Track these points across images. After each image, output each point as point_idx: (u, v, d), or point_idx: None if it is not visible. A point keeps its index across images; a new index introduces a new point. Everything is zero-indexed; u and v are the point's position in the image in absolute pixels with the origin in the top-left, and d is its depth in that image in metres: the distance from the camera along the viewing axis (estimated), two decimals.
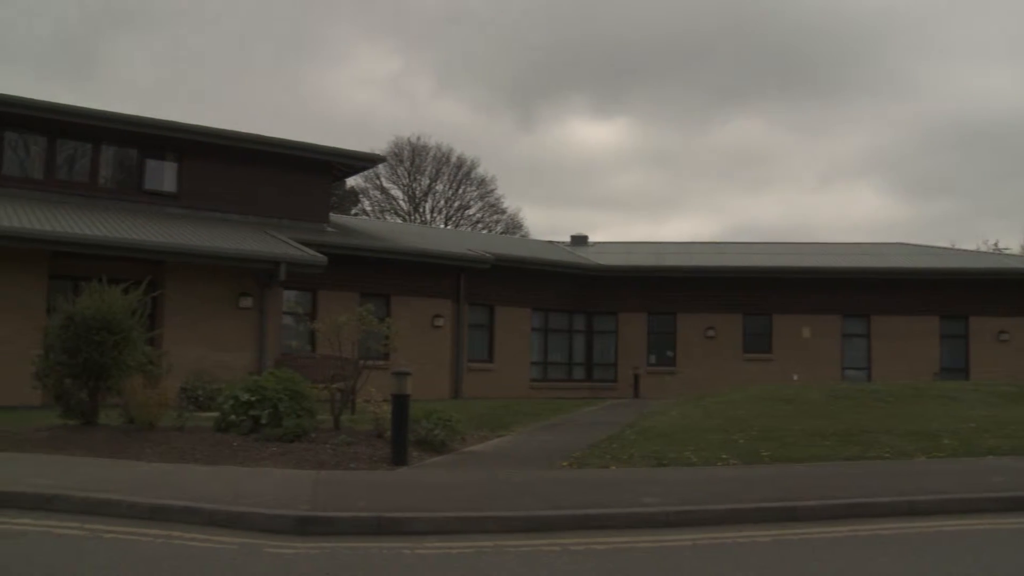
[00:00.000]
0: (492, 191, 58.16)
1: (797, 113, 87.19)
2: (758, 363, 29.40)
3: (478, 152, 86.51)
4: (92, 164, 23.10)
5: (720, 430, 13.79)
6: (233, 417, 12.62)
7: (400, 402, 10.93)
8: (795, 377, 27.16)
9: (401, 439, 10.97)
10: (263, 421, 12.33)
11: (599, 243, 36.53)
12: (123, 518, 7.98)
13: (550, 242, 37.19)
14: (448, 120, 77.73)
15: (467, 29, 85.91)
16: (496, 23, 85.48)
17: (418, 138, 56.31)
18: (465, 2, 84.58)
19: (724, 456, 11.74)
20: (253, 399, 12.57)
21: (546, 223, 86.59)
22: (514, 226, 58.72)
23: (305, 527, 7.67)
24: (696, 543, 7.51)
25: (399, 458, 10.90)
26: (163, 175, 23.95)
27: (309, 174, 25.70)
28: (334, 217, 28.94)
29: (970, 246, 48.93)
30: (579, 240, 36.27)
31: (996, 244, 52.92)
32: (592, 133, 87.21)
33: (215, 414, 13.38)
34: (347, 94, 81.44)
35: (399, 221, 52.70)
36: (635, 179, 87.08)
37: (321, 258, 21.33)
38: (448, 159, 56.30)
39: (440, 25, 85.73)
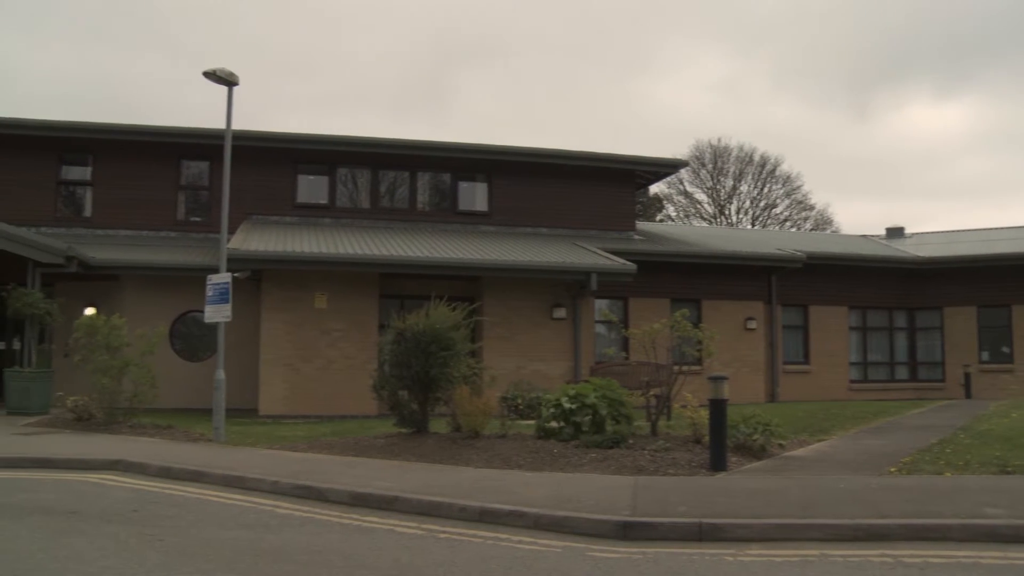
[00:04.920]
0: (798, 188, 56.44)
1: None
2: None
3: (806, 150, 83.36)
4: (410, 191, 24.98)
5: None
6: (553, 424, 13.03)
7: (718, 407, 10.85)
8: None
9: (719, 444, 10.88)
10: (583, 428, 12.65)
11: (917, 234, 34.37)
12: (454, 519, 8.54)
13: (863, 236, 35.46)
14: (781, 118, 75.97)
15: (801, 25, 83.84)
16: (833, 15, 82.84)
17: (719, 140, 55.84)
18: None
19: None
20: (572, 407, 12.91)
21: (872, 217, 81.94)
22: (823, 222, 56.66)
23: (626, 532, 7.80)
24: None
25: (718, 463, 10.81)
26: (475, 196, 25.39)
27: (613, 184, 26.13)
28: (640, 224, 29.18)
29: None
30: (895, 232, 34.33)
31: None
32: (933, 118, 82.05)
33: (534, 422, 13.88)
34: (683, 102, 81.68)
35: (704, 225, 52.31)
36: (980, 163, 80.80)
37: (631, 266, 21.55)
38: (751, 158, 55.34)
39: (774, 24, 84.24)
